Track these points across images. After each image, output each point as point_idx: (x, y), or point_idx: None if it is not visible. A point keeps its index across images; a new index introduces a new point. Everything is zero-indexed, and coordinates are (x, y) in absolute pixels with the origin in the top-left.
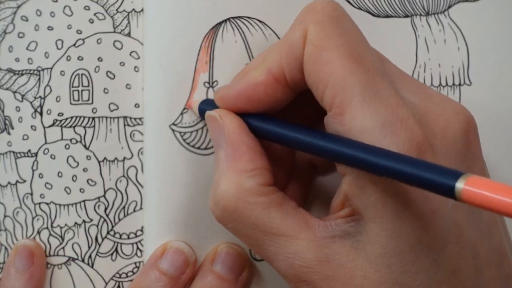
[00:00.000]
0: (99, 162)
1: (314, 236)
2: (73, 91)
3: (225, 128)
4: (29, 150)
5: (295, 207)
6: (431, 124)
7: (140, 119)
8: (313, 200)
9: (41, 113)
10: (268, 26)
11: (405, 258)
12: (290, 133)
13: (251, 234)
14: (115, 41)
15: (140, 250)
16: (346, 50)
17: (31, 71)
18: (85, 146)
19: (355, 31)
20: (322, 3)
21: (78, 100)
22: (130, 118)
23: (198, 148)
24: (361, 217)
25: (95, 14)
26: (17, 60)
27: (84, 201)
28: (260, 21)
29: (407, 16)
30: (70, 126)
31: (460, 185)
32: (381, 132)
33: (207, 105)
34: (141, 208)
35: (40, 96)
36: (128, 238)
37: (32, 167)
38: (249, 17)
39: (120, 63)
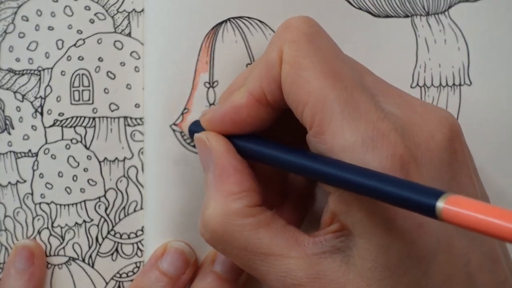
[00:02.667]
0: (99, 162)
1: (304, 254)
2: (73, 91)
3: (213, 150)
4: (30, 150)
5: (284, 225)
6: (414, 135)
7: (140, 119)
8: (307, 216)
9: (41, 113)
10: (269, 26)
11: (395, 271)
12: (273, 153)
13: (242, 255)
14: (115, 41)
15: (141, 250)
16: (323, 68)
17: (32, 71)
18: (85, 146)
19: (331, 47)
20: (296, 21)
21: (79, 100)
22: (131, 118)
23: None
24: (350, 232)
25: (95, 14)
26: (17, 60)
27: (84, 201)
28: (260, 21)
29: (407, 16)
30: (71, 126)
31: (440, 204)
32: (362, 149)
33: (197, 126)
34: (141, 208)
35: (40, 96)
36: (129, 238)
37: (32, 167)
38: (249, 17)
39: (121, 63)
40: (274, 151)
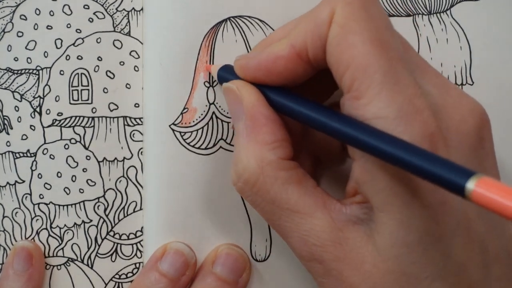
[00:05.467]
0: (98, 162)
1: (329, 217)
2: (72, 90)
3: (243, 100)
4: (28, 150)
5: (314, 186)
6: (446, 117)
7: (140, 119)
8: (329, 182)
9: (40, 113)
10: (269, 25)
11: (413, 249)
12: (307, 110)
13: (268, 209)
14: (114, 40)
15: (140, 251)
16: (372, 35)
17: (30, 71)
18: (84, 146)
19: (382, 16)
20: None
21: (78, 99)
22: (130, 118)
23: (199, 148)
24: (371, 205)
25: (94, 13)
26: (16, 59)
27: (83, 201)
28: (260, 20)
29: (409, 15)
30: (70, 126)
31: (470, 185)
32: (395, 121)
33: (226, 71)
34: (141, 209)
35: (39, 96)
36: (128, 238)
37: (31, 167)
38: (249, 16)
39: (120, 62)
40: (310, 108)
